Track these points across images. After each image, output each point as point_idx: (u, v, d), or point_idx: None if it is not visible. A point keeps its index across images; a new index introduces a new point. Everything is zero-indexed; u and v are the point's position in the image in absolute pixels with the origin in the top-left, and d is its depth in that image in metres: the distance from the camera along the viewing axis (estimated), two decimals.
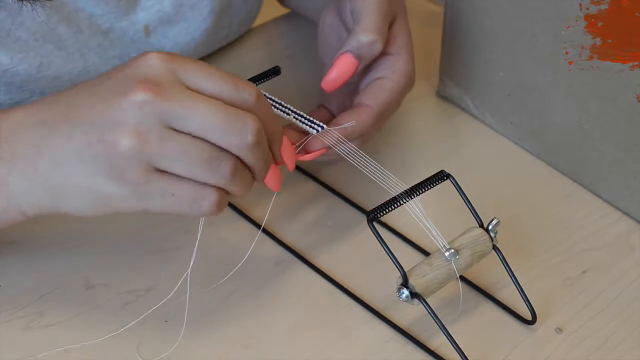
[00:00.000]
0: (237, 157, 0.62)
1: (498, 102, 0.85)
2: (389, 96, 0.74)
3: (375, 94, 0.74)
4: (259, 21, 0.98)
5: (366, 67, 0.76)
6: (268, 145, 0.64)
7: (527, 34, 0.79)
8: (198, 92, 0.61)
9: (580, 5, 0.73)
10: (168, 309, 0.68)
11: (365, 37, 0.73)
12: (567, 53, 0.77)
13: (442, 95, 0.90)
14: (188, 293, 0.67)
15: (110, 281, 0.71)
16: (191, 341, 0.67)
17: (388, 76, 0.75)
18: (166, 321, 0.68)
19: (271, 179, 0.67)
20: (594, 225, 0.78)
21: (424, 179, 0.67)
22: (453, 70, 0.88)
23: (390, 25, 0.76)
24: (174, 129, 0.60)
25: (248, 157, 0.62)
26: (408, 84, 0.76)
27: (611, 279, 0.74)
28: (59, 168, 0.61)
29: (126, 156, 0.59)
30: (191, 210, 0.62)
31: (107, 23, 0.81)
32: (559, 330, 0.69)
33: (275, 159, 0.66)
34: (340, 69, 0.73)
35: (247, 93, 0.62)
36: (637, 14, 0.71)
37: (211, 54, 0.92)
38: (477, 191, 0.80)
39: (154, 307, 0.67)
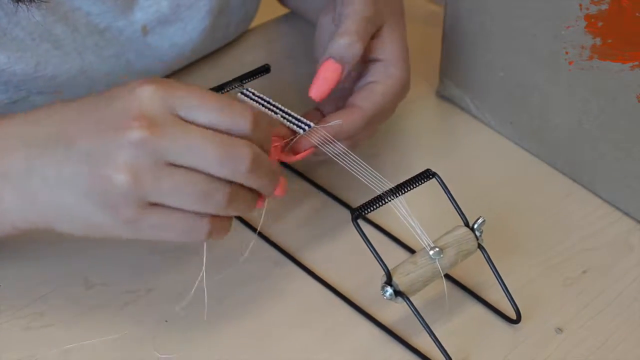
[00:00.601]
0: (237, 183, 0.62)
1: (498, 102, 0.85)
2: (380, 99, 0.75)
3: (367, 96, 0.74)
4: (258, 21, 0.98)
5: (360, 73, 0.76)
6: None
7: (527, 34, 0.79)
8: (193, 122, 0.60)
9: (580, 5, 0.73)
10: (168, 309, 0.69)
11: (343, 39, 0.73)
12: (567, 53, 0.77)
13: (442, 95, 0.90)
14: (205, 293, 0.67)
15: (110, 281, 0.71)
16: (191, 340, 0.67)
17: (381, 81, 0.75)
18: (166, 321, 0.68)
19: (278, 190, 0.67)
20: (594, 225, 0.78)
21: (409, 177, 0.67)
22: (453, 70, 0.88)
23: (380, 32, 0.76)
24: (170, 163, 0.60)
25: (249, 182, 0.62)
26: (401, 89, 0.77)
27: (611, 279, 0.74)
28: (49, 190, 0.61)
29: (121, 192, 0.59)
30: (186, 240, 0.63)
31: (103, 22, 0.81)
32: (559, 330, 0.69)
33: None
34: (325, 75, 0.73)
35: (243, 121, 0.62)
36: (637, 14, 0.71)
37: (211, 54, 0.92)
38: (477, 191, 0.80)
39: (182, 304, 0.67)
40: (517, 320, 0.69)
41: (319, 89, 0.73)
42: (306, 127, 0.71)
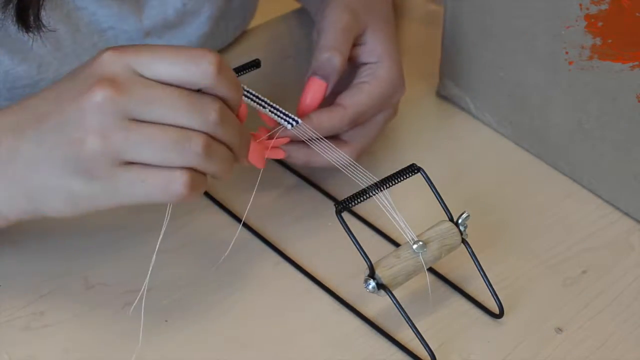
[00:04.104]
0: (210, 136, 0.62)
1: (498, 102, 0.85)
2: (365, 98, 0.75)
3: (352, 95, 0.75)
4: (256, 22, 0.98)
5: (351, 75, 0.77)
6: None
7: (527, 34, 0.79)
8: (157, 79, 0.61)
9: (580, 5, 0.74)
10: (168, 309, 0.69)
11: (322, 55, 0.75)
12: (567, 53, 0.77)
13: (442, 95, 0.90)
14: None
15: (110, 281, 0.71)
16: (190, 340, 0.67)
17: (368, 81, 0.76)
18: (166, 321, 0.68)
19: (253, 155, 0.68)
20: (594, 225, 0.78)
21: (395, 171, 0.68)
22: (453, 70, 0.88)
23: (364, 37, 0.77)
24: (137, 119, 0.60)
25: (219, 134, 0.62)
26: (390, 89, 0.77)
27: (611, 279, 0.74)
28: (33, 171, 0.62)
29: (93, 155, 0.60)
30: (164, 196, 0.62)
31: (107, 22, 0.81)
32: (559, 330, 0.70)
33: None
34: (311, 93, 0.75)
35: (206, 62, 0.61)
36: (637, 14, 0.71)
37: None
38: (477, 191, 0.80)
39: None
40: (500, 315, 0.69)
41: (307, 107, 0.74)
42: (293, 123, 0.71)
